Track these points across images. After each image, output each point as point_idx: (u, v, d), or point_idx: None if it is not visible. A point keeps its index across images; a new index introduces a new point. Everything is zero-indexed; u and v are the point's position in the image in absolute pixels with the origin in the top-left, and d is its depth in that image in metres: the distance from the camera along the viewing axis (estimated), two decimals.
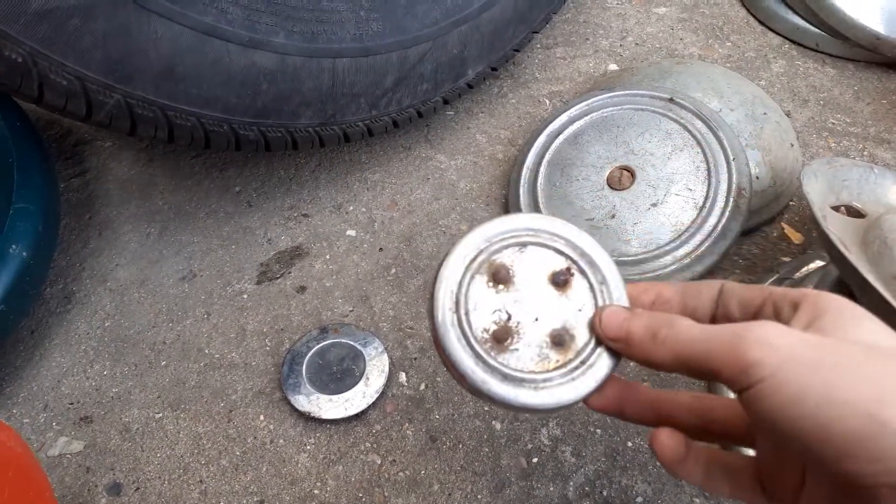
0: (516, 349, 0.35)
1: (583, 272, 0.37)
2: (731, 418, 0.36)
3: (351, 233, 0.78)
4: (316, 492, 0.60)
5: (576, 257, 0.37)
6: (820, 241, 0.72)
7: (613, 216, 0.70)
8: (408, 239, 0.77)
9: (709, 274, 0.70)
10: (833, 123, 0.84)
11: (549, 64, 0.94)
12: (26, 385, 0.68)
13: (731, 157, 0.69)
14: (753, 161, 0.71)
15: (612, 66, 0.92)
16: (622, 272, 0.36)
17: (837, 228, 0.57)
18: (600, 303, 0.36)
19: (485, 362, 0.35)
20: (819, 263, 0.68)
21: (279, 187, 0.83)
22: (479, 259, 0.37)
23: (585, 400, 0.36)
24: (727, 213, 0.67)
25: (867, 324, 0.29)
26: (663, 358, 0.32)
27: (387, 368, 0.66)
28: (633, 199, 0.70)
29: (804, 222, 0.76)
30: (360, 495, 0.60)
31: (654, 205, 0.69)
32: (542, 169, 0.75)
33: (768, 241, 0.74)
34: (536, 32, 0.87)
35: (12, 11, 0.50)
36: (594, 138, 0.74)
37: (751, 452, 0.36)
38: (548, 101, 0.90)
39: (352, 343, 0.67)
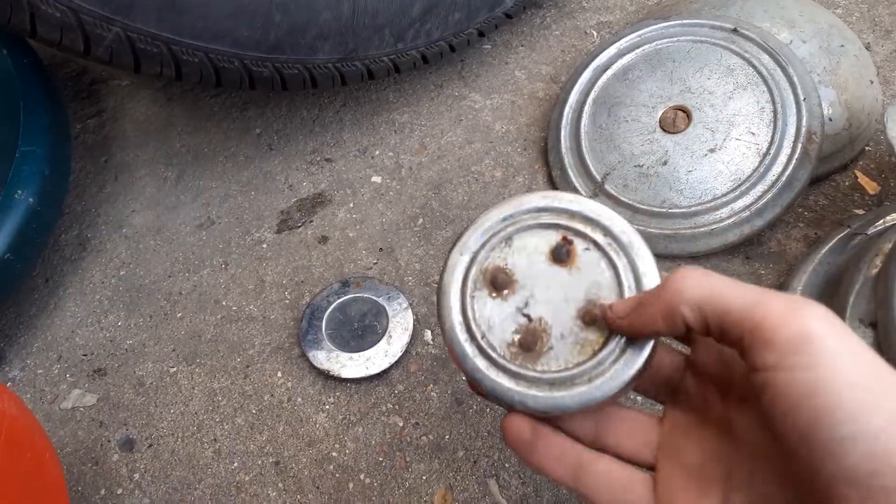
0: (551, 348, 0.31)
1: (582, 235, 0.32)
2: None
3: (376, 179, 0.73)
4: (334, 454, 0.57)
5: (567, 223, 0.32)
6: None
7: (665, 162, 0.63)
8: (437, 186, 0.71)
9: (770, 228, 0.63)
10: None
11: None
12: (41, 335, 0.66)
13: (802, 97, 0.60)
14: (827, 101, 0.63)
15: None
16: (674, 224, 0.31)
17: None
18: (614, 258, 0.31)
19: (527, 379, 0.30)
20: None
21: (301, 129, 0.78)
22: (471, 274, 0.32)
23: (648, 364, 0.30)
24: (794, 161, 0.59)
25: None
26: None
27: (411, 326, 0.61)
28: (688, 144, 0.62)
29: (881, 170, 0.67)
30: (381, 459, 0.56)
31: (711, 150, 0.61)
32: (587, 108, 0.68)
33: (839, 191, 0.66)
34: None
35: None
36: (646, 74, 0.67)
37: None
38: (595, 34, 0.81)
39: (374, 298, 0.63)
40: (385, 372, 0.60)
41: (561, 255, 0.32)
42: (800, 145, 0.60)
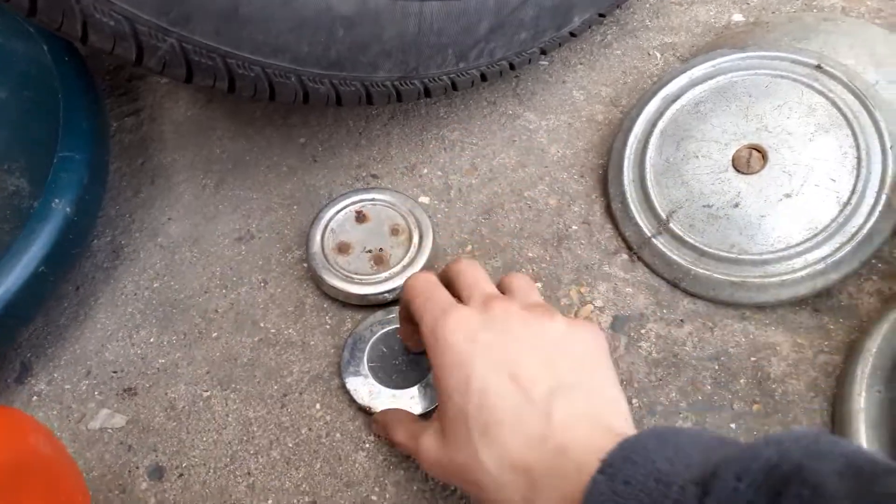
0: (390, 255, 0.62)
1: (369, 200, 0.66)
2: None
3: (424, 199, 0.69)
4: (373, 497, 0.54)
5: (360, 197, 0.66)
6: None
7: (737, 205, 0.59)
8: (487, 211, 0.68)
9: (843, 282, 0.59)
10: None
11: (663, 10, 0.81)
12: (69, 347, 0.63)
13: (889, 144, 0.57)
14: None
15: (737, 17, 0.79)
16: (742, 272, 0.49)
17: None
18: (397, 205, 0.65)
19: (385, 276, 0.61)
20: None
21: (347, 142, 0.74)
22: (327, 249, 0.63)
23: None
24: (877, 213, 0.56)
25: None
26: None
27: None
28: (762, 187, 0.59)
29: None
30: None
31: (787, 195, 0.58)
32: (653, 139, 0.64)
33: None
34: None
35: None
36: (719, 108, 0.63)
37: None
38: (659, 55, 0.77)
39: None
40: (430, 412, 0.56)
41: (360, 218, 0.64)
42: (884, 196, 0.56)
